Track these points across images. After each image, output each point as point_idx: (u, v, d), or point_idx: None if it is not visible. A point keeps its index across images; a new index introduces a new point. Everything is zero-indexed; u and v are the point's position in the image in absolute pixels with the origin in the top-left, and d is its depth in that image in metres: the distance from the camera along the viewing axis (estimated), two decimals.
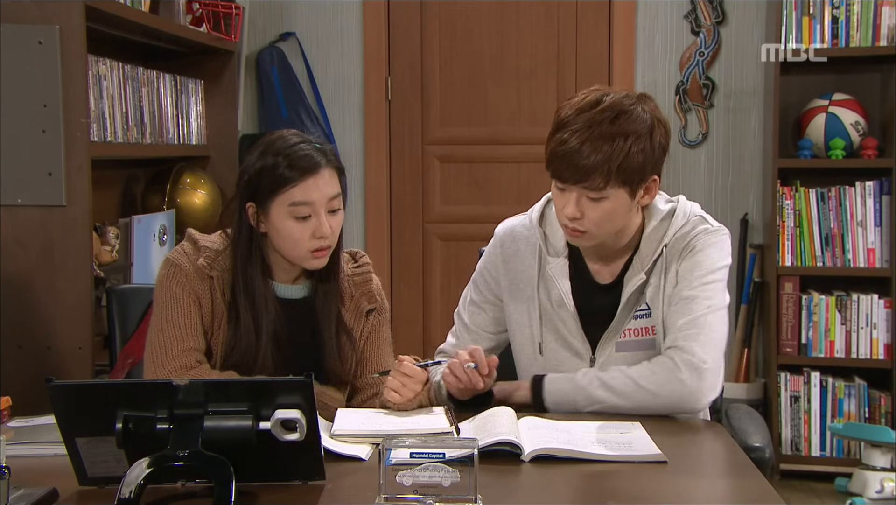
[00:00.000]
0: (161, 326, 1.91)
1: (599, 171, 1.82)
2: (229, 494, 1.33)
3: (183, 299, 1.92)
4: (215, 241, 1.99)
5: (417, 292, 4.33)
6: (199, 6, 3.54)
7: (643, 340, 1.96)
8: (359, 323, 2.06)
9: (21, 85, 2.60)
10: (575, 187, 1.86)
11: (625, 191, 1.86)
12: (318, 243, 1.91)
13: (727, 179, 4.09)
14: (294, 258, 1.94)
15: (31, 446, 1.69)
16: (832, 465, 3.71)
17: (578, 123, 1.83)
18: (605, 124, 1.82)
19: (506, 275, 2.07)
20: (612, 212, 1.88)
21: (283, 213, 1.89)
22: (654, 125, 1.87)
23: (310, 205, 1.89)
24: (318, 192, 1.89)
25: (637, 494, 1.49)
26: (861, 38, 3.69)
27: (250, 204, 1.92)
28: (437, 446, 1.38)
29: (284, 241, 1.92)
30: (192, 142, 3.53)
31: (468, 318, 2.12)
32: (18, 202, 2.63)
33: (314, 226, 1.90)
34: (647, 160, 1.85)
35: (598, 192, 1.85)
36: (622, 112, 1.84)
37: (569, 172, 1.84)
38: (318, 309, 2.00)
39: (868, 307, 3.71)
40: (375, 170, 4.28)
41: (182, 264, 1.94)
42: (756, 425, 1.95)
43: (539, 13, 4.19)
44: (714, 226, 1.98)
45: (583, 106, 1.86)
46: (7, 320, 2.61)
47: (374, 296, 2.07)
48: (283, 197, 1.88)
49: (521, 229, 2.08)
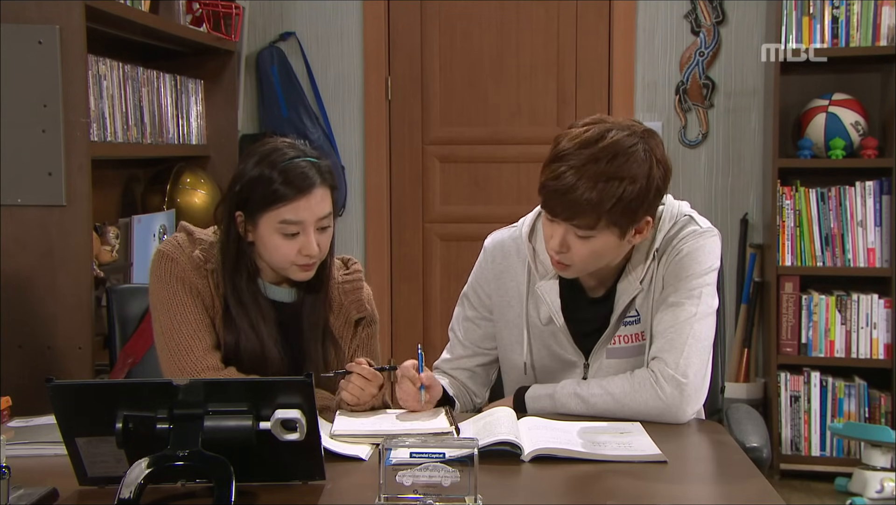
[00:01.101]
0: (173, 327, 1.90)
1: (590, 211, 1.78)
2: (229, 494, 1.33)
3: (185, 294, 1.91)
4: (210, 234, 1.99)
5: (417, 292, 4.33)
6: (199, 6, 3.54)
7: (633, 346, 1.95)
8: (347, 332, 2.05)
9: (21, 85, 2.60)
10: (564, 222, 1.83)
11: (614, 232, 1.82)
12: (304, 260, 1.90)
13: (727, 179, 4.09)
14: (279, 270, 1.94)
15: (31, 446, 1.69)
16: (832, 465, 3.71)
17: (576, 159, 1.78)
18: (602, 164, 1.76)
19: (496, 290, 2.05)
20: (598, 250, 1.84)
21: (272, 229, 1.88)
22: (652, 167, 1.80)
23: (299, 224, 1.88)
24: (308, 212, 1.88)
25: (637, 494, 1.49)
26: (861, 37, 3.69)
27: (239, 213, 1.91)
28: (437, 446, 1.38)
29: (271, 254, 1.91)
30: (192, 142, 3.52)
31: (462, 334, 2.11)
32: (18, 202, 2.63)
33: (302, 243, 1.89)
34: (641, 203, 1.80)
35: (587, 231, 1.81)
36: (621, 153, 1.78)
37: (560, 208, 1.81)
38: (305, 318, 1.99)
39: (868, 307, 3.71)
40: (375, 170, 4.28)
41: (177, 258, 1.93)
42: (754, 425, 1.95)
43: (539, 13, 4.19)
44: (703, 226, 1.93)
45: (584, 140, 1.79)
46: (7, 320, 2.61)
47: (363, 305, 2.06)
48: (274, 213, 1.87)
49: (512, 243, 2.04)
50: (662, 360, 1.86)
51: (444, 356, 2.13)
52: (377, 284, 2.01)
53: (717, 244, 1.95)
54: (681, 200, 1.99)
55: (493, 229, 2.12)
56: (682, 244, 1.91)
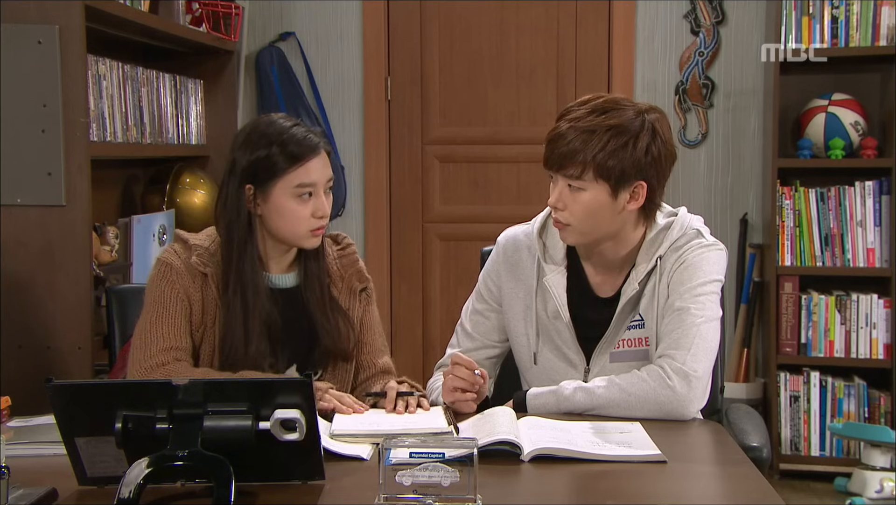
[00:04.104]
0: (144, 326, 1.93)
1: (575, 158, 1.86)
2: (229, 493, 1.33)
3: (171, 300, 1.93)
4: (204, 239, 2.01)
5: (417, 292, 4.32)
6: (199, 6, 3.54)
7: (637, 350, 1.96)
8: (354, 302, 2.09)
9: (21, 85, 2.60)
10: (558, 175, 1.90)
11: (604, 187, 1.87)
12: (317, 223, 1.96)
13: (727, 179, 4.09)
14: (293, 237, 1.98)
15: (30, 446, 1.69)
16: (832, 464, 3.71)
17: (573, 113, 1.89)
18: (594, 116, 1.87)
19: (506, 282, 2.08)
20: (591, 206, 1.89)
21: (287, 194, 1.94)
22: (642, 130, 1.88)
23: (313, 185, 1.95)
24: (319, 173, 1.96)
25: (637, 493, 1.49)
26: (861, 37, 3.69)
27: (249, 186, 1.95)
28: (437, 446, 1.38)
29: (286, 221, 1.95)
30: (191, 142, 3.53)
31: (471, 327, 2.12)
32: (18, 202, 2.63)
33: (315, 205, 1.95)
34: (627, 160, 1.86)
35: (577, 182, 1.88)
36: (614, 108, 1.89)
37: (552, 158, 1.90)
38: (310, 291, 2.03)
39: (867, 307, 3.71)
40: (375, 170, 4.28)
41: (174, 263, 1.95)
42: (754, 425, 1.95)
43: (539, 13, 4.19)
44: (709, 241, 1.98)
45: (586, 99, 1.92)
46: (7, 320, 2.61)
47: (363, 274, 2.12)
48: (289, 178, 1.93)
49: (524, 238, 2.08)
50: (670, 356, 1.87)
51: (451, 351, 2.14)
52: (377, 284, 2.01)
53: (722, 258, 1.99)
54: (693, 214, 2.03)
55: (493, 229, 2.14)
56: (687, 254, 1.95)
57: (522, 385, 2.09)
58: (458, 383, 1.90)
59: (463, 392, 1.90)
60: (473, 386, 1.90)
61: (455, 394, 1.91)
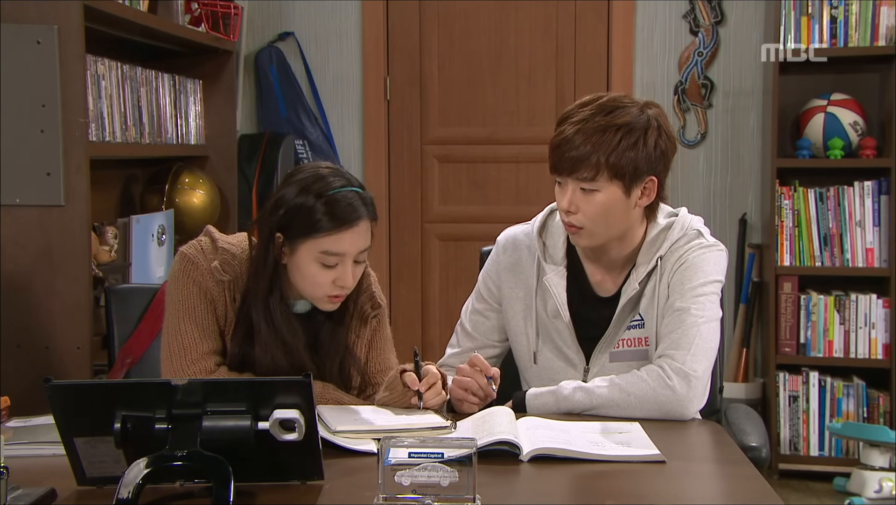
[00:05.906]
0: (178, 327, 1.89)
1: (588, 161, 1.85)
2: (228, 494, 1.33)
3: (199, 298, 1.90)
4: (235, 244, 1.96)
5: (416, 292, 4.32)
6: (198, 6, 3.54)
7: (637, 350, 1.96)
8: (363, 330, 2.05)
9: (19, 85, 2.60)
10: (569, 179, 1.89)
11: (618, 186, 1.88)
12: (336, 291, 1.88)
13: (726, 179, 4.09)
14: (309, 297, 1.92)
15: (29, 446, 1.68)
16: (831, 464, 3.71)
17: (576, 116, 1.88)
18: (599, 116, 1.87)
19: (506, 281, 2.08)
20: (606, 207, 1.89)
21: (310, 257, 1.85)
22: (649, 126, 1.89)
23: (339, 256, 1.85)
24: (350, 245, 1.85)
25: (636, 494, 1.49)
26: (860, 37, 3.69)
27: (279, 235, 1.88)
28: (436, 446, 1.38)
29: (305, 281, 1.88)
30: (190, 142, 3.52)
31: (471, 326, 2.13)
32: (17, 202, 2.63)
33: (338, 274, 1.86)
34: (639, 157, 1.87)
35: (590, 184, 1.87)
36: (618, 107, 1.88)
37: (563, 163, 1.88)
38: (324, 341, 1.97)
39: (866, 307, 3.71)
40: (374, 170, 4.28)
41: (198, 262, 1.91)
42: (753, 425, 1.95)
43: (538, 13, 4.19)
44: (710, 241, 1.98)
45: (585, 101, 1.91)
46: (6, 320, 2.61)
47: (376, 300, 2.06)
48: (316, 242, 1.84)
49: (524, 238, 2.09)
50: (670, 356, 1.88)
51: (451, 351, 2.14)
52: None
53: (723, 258, 1.99)
54: (694, 215, 2.03)
55: (492, 229, 2.14)
56: (688, 254, 1.95)
57: (522, 385, 2.10)
58: (472, 387, 1.89)
59: (473, 394, 1.90)
60: (480, 392, 1.90)
61: (465, 394, 1.90)
